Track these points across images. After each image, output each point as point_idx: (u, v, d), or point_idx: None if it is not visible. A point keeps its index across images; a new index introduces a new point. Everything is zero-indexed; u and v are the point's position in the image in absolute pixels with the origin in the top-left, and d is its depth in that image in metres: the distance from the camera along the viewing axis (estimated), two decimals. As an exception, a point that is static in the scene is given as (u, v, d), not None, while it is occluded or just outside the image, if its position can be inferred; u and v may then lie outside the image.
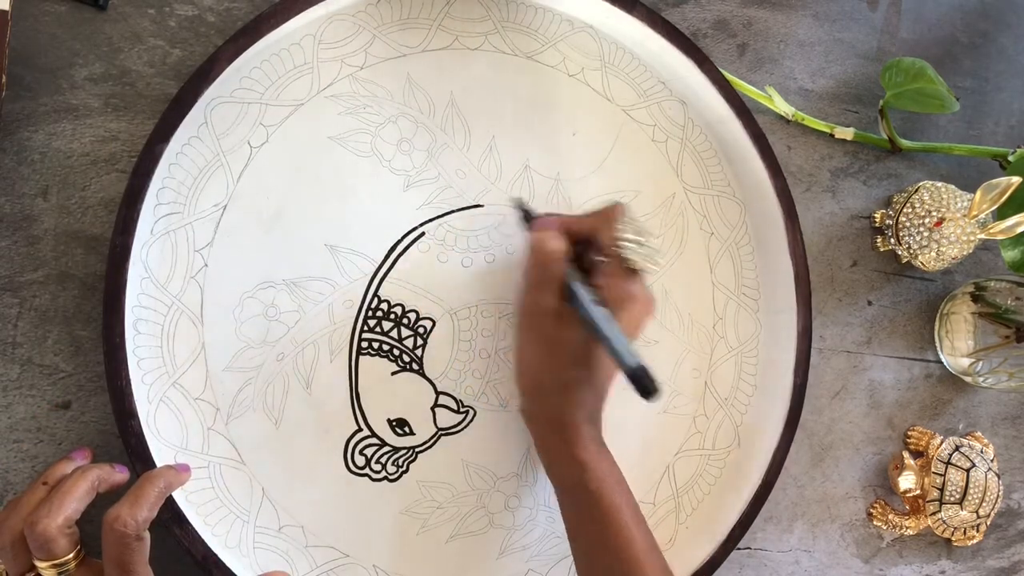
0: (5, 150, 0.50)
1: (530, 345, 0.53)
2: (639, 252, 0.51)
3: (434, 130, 0.56)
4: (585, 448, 0.51)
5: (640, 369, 0.46)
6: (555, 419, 0.52)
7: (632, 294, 0.51)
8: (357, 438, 0.54)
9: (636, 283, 0.51)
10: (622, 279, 0.51)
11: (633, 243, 0.51)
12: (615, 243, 0.51)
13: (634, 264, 0.51)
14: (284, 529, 0.53)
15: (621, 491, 0.51)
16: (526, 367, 0.54)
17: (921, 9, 0.72)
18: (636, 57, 0.60)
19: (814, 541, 0.68)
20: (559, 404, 0.52)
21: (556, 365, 0.51)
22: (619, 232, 0.51)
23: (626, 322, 0.50)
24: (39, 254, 0.51)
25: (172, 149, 0.49)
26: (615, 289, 0.51)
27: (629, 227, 0.51)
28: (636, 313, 0.51)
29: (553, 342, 0.51)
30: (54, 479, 0.47)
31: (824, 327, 0.68)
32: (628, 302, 0.51)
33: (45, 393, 0.51)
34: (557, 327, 0.51)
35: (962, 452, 0.68)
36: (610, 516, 0.50)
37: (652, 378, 0.46)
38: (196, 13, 0.53)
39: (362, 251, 0.54)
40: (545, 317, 0.51)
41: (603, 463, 0.51)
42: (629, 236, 0.51)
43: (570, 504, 0.52)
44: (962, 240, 0.64)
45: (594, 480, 0.50)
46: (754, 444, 0.63)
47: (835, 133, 0.67)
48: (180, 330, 0.51)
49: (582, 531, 0.52)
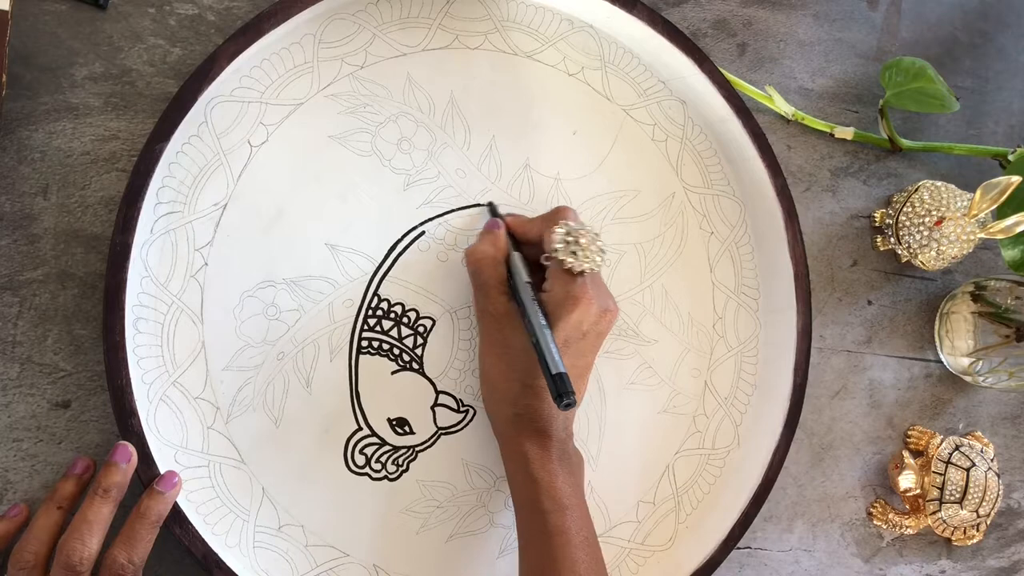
0: (5, 149, 0.50)
1: (485, 351, 0.53)
2: (573, 253, 0.50)
3: (434, 129, 0.56)
4: (543, 464, 0.50)
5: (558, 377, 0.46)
6: (512, 432, 0.51)
7: (574, 296, 0.50)
8: (357, 437, 0.54)
9: (579, 285, 0.50)
10: (564, 282, 0.51)
11: (566, 243, 0.51)
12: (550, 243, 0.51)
13: (568, 265, 0.50)
14: (284, 528, 0.53)
15: (574, 514, 0.50)
16: (484, 375, 0.54)
17: (921, 9, 0.72)
18: (636, 57, 0.60)
19: (814, 541, 0.68)
20: (514, 416, 0.51)
21: (509, 372, 0.51)
22: (552, 235, 0.51)
23: (571, 325, 0.50)
24: (39, 253, 0.51)
25: (172, 148, 0.49)
26: (556, 292, 0.51)
27: (565, 228, 0.51)
28: (582, 315, 0.50)
29: (504, 347, 0.51)
30: (67, 501, 0.48)
31: (824, 327, 0.68)
32: (570, 304, 0.50)
33: (45, 392, 0.51)
34: (506, 331, 0.51)
35: (962, 452, 0.68)
36: (555, 539, 0.49)
37: (568, 389, 0.46)
38: (196, 12, 0.53)
39: (362, 250, 0.54)
40: (493, 320, 0.52)
41: (559, 482, 0.50)
42: (559, 238, 0.51)
43: (520, 520, 0.51)
44: (962, 240, 0.64)
45: (547, 499, 0.49)
46: (754, 444, 0.63)
47: (835, 133, 0.67)
48: (180, 329, 0.51)
49: (529, 550, 0.50)
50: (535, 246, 0.53)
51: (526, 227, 0.54)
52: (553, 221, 0.52)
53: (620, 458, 0.58)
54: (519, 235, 0.54)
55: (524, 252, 0.54)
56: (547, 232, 0.51)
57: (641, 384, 0.61)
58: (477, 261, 0.53)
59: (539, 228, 0.53)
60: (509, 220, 0.55)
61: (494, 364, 0.52)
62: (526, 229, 0.54)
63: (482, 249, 0.53)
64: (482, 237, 0.54)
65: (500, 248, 0.53)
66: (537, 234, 0.53)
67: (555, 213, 0.53)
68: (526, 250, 0.54)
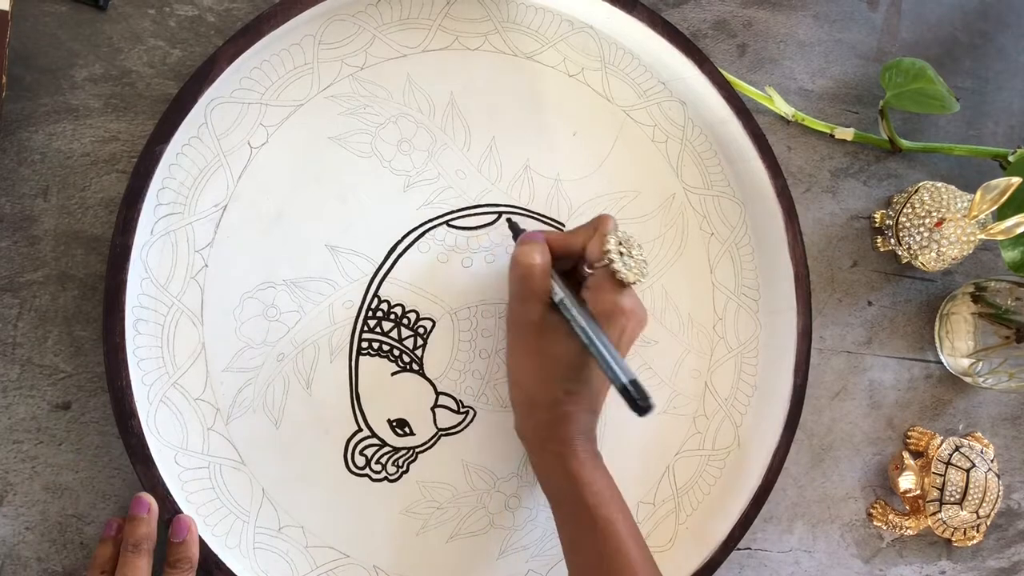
0: (5, 150, 0.50)
1: (520, 359, 0.53)
2: (626, 264, 0.50)
3: (434, 130, 0.56)
4: (580, 462, 0.51)
5: (632, 384, 0.46)
6: (548, 435, 0.52)
7: (620, 306, 0.50)
8: (357, 438, 0.54)
9: (625, 295, 0.51)
10: (610, 292, 0.50)
11: (620, 254, 0.50)
12: (602, 255, 0.50)
13: (621, 276, 0.50)
14: (284, 529, 0.53)
15: (616, 505, 0.51)
16: (517, 382, 0.54)
17: (921, 9, 0.72)
18: (636, 57, 0.60)
19: (814, 541, 0.68)
20: (551, 419, 0.51)
21: (546, 379, 0.51)
22: (605, 244, 0.50)
23: (615, 335, 0.50)
24: (39, 254, 0.51)
25: (172, 149, 0.49)
26: (603, 302, 0.50)
27: (616, 238, 0.51)
28: (625, 326, 0.50)
29: (542, 355, 0.51)
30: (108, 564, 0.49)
31: (824, 327, 0.68)
32: (617, 315, 0.50)
33: (45, 393, 0.51)
34: (545, 340, 0.51)
35: (962, 452, 0.68)
36: (607, 531, 0.49)
37: (645, 394, 0.45)
38: (196, 13, 0.53)
39: (362, 251, 0.54)
40: (531, 329, 0.52)
41: (598, 477, 0.51)
42: (614, 248, 0.50)
43: (565, 519, 0.52)
44: (962, 240, 0.64)
45: (590, 495, 0.50)
46: (754, 444, 0.63)
47: (835, 133, 0.67)
48: (180, 330, 0.51)
49: (578, 546, 0.51)
50: (567, 259, 0.53)
51: (568, 239, 0.53)
52: (602, 230, 0.51)
53: (620, 459, 0.58)
54: (557, 247, 0.53)
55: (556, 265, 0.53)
56: (598, 240, 0.51)
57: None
58: (527, 268, 0.51)
59: (583, 238, 0.52)
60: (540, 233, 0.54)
61: (532, 371, 0.52)
62: (568, 241, 0.53)
63: (532, 257, 0.51)
64: (527, 245, 0.52)
65: (548, 259, 0.52)
66: (581, 244, 0.52)
67: (599, 222, 0.52)
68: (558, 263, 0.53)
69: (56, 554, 0.51)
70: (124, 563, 0.48)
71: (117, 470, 0.51)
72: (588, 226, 0.53)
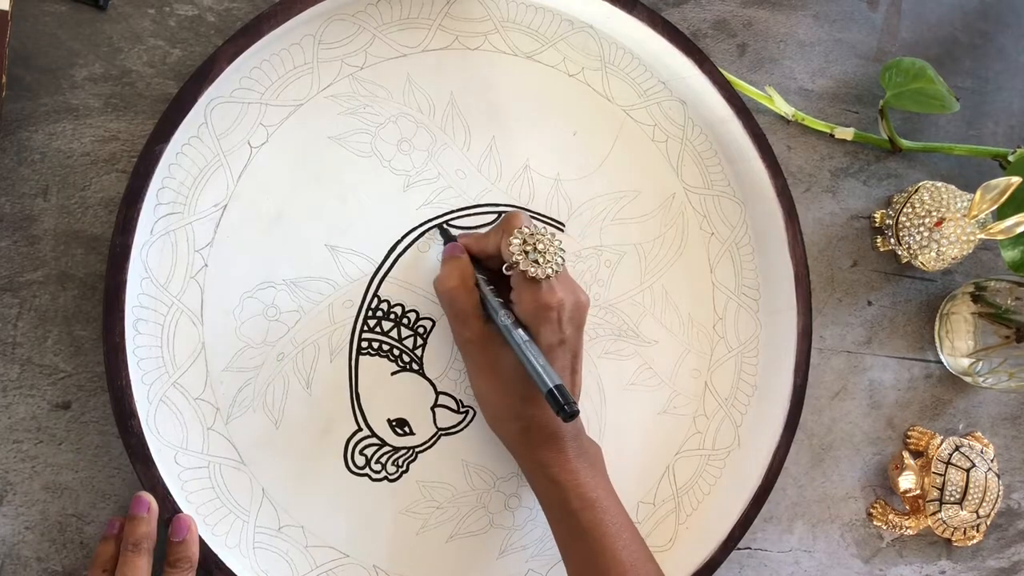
0: (5, 150, 0.50)
1: (475, 378, 0.53)
2: (534, 260, 0.50)
3: (434, 130, 0.56)
4: (561, 467, 0.51)
5: (554, 390, 0.46)
6: (523, 444, 0.52)
7: (543, 302, 0.50)
8: (357, 438, 0.54)
9: (545, 290, 0.50)
10: (529, 290, 0.50)
11: (525, 253, 0.50)
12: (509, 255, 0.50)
13: (532, 274, 0.50)
14: (284, 529, 0.53)
15: (602, 507, 0.50)
16: (480, 399, 0.54)
17: (921, 9, 0.72)
18: (636, 57, 0.60)
19: (814, 541, 0.68)
20: (520, 429, 0.52)
21: (503, 391, 0.51)
22: (509, 246, 0.50)
23: (549, 331, 0.50)
24: (39, 254, 0.51)
25: (172, 149, 0.49)
26: (525, 302, 0.50)
27: (520, 237, 0.50)
28: (559, 317, 0.50)
29: (492, 369, 0.52)
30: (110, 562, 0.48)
31: (824, 327, 0.68)
32: (542, 311, 0.50)
33: (45, 393, 0.51)
34: (490, 354, 0.51)
35: (962, 452, 0.68)
36: (593, 535, 0.49)
37: (568, 399, 0.46)
38: (196, 13, 0.53)
39: (362, 251, 0.54)
40: (475, 346, 0.52)
41: (582, 479, 0.51)
42: (517, 248, 0.50)
43: (554, 524, 0.52)
44: (962, 240, 0.64)
45: (575, 499, 0.50)
46: (754, 444, 0.63)
47: (835, 133, 0.67)
48: (180, 330, 0.51)
49: (569, 551, 0.51)
50: (494, 258, 0.52)
51: (482, 243, 0.53)
52: (507, 231, 0.51)
53: (620, 459, 0.58)
54: (476, 252, 0.53)
55: (486, 265, 0.53)
56: (504, 244, 0.51)
57: (641, 385, 0.61)
58: (449, 291, 0.52)
59: (495, 240, 0.52)
60: (464, 240, 0.54)
61: (488, 386, 0.52)
62: (483, 245, 0.53)
63: (451, 280, 0.52)
64: (446, 266, 0.52)
65: (468, 275, 0.52)
66: (495, 247, 0.52)
67: (507, 222, 0.52)
68: (487, 263, 0.53)
69: (56, 554, 0.51)
70: (124, 562, 0.48)
71: (117, 470, 0.51)
72: (498, 227, 0.52)
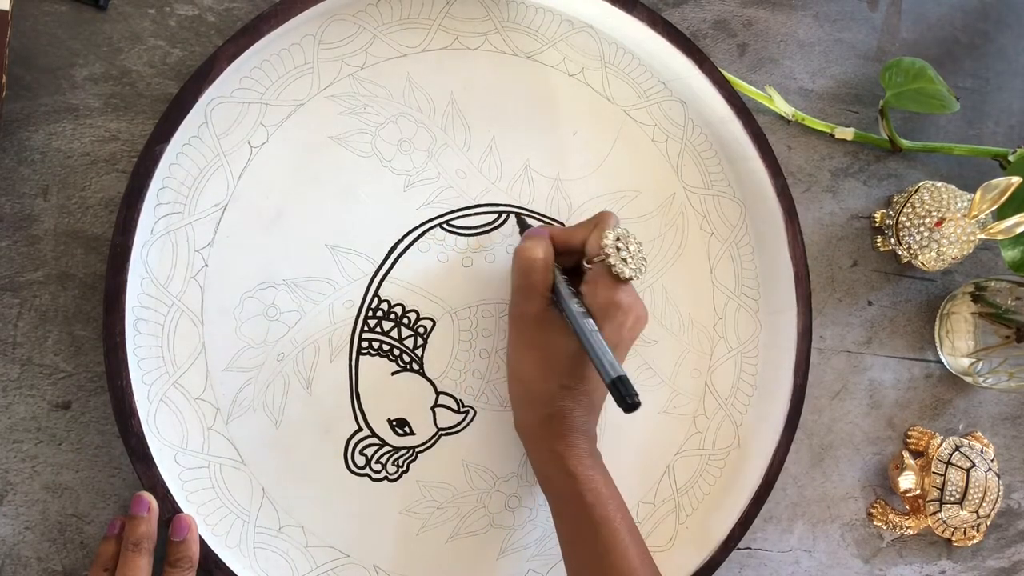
0: (5, 150, 0.50)
1: (519, 353, 0.53)
2: (623, 259, 0.51)
3: (434, 130, 0.56)
4: (578, 460, 0.51)
5: (619, 381, 0.46)
6: (546, 431, 0.52)
7: (616, 301, 0.50)
8: (357, 438, 0.54)
9: (622, 291, 0.51)
10: (607, 287, 0.51)
11: (617, 250, 0.51)
12: (599, 250, 0.51)
13: (617, 271, 0.50)
14: (284, 529, 0.53)
15: (614, 504, 0.51)
16: (517, 376, 0.54)
17: (921, 9, 0.72)
18: (636, 57, 0.60)
19: (814, 541, 0.68)
20: (549, 415, 0.52)
21: (544, 374, 0.51)
22: (603, 239, 0.51)
23: (610, 331, 0.50)
24: (39, 254, 0.51)
25: (172, 149, 0.49)
26: (599, 297, 0.50)
27: (614, 234, 0.51)
28: (623, 321, 0.51)
29: (541, 350, 0.52)
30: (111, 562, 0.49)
31: (824, 327, 0.68)
32: (612, 310, 0.50)
33: (45, 393, 0.51)
34: (544, 334, 0.51)
35: (962, 452, 0.68)
36: (604, 530, 0.50)
37: (632, 391, 0.46)
38: (196, 13, 0.53)
39: (362, 251, 0.54)
40: (531, 323, 0.52)
41: (596, 475, 0.51)
42: (611, 243, 0.51)
43: (563, 516, 0.52)
44: (962, 240, 0.64)
45: (588, 492, 0.50)
46: (754, 444, 0.63)
47: (835, 133, 0.67)
48: (180, 330, 0.51)
49: (576, 545, 0.51)
50: (571, 255, 0.53)
51: (568, 234, 0.53)
52: (601, 226, 0.52)
53: (620, 459, 0.58)
54: (559, 243, 0.53)
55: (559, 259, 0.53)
56: (596, 236, 0.51)
57: (641, 385, 0.60)
58: (529, 261, 0.51)
59: (583, 234, 0.52)
60: (550, 230, 0.54)
61: (530, 366, 0.52)
62: (568, 236, 0.53)
63: (534, 251, 0.52)
64: (531, 240, 0.52)
65: (551, 253, 0.52)
66: (581, 240, 0.52)
67: (600, 218, 0.52)
68: (560, 258, 0.53)
69: (56, 554, 0.51)
70: (124, 562, 0.48)
71: (117, 470, 0.51)
72: (589, 222, 0.53)
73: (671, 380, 0.61)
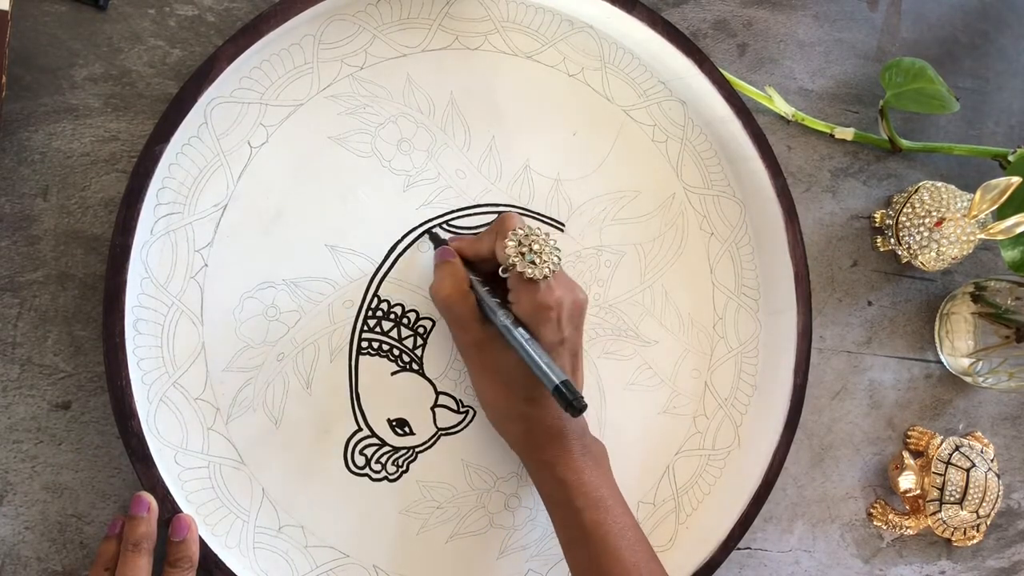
0: (5, 150, 0.50)
1: (478, 379, 0.53)
2: (531, 261, 0.50)
3: (434, 130, 0.56)
4: (567, 465, 0.51)
5: (561, 387, 0.46)
6: (528, 444, 0.52)
7: (542, 303, 0.50)
8: (357, 438, 0.54)
9: (544, 290, 0.50)
10: (527, 291, 0.50)
11: (521, 255, 0.50)
12: (505, 257, 0.50)
13: (528, 275, 0.49)
14: (284, 529, 0.53)
15: (607, 505, 0.50)
16: (484, 401, 0.54)
17: (921, 9, 0.72)
18: (636, 57, 0.60)
19: (814, 541, 0.68)
20: (525, 430, 0.52)
21: (506, 392, 0.51)
22: (506, 247, 0.50)
23: (548, 332, 0.50)
24: (39, 254, 0.51)
25: (172, 149, 0.49)
26: (524, 303, 0.50)
27: (516, 238, 0.50)
28: (558, 317, 0.50)
29: (494, 371, 0.52)
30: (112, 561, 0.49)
31: (824, 327, 0.68)
32: (541, 311, 0.50)
33: (45, 393, 0.51)
34: (492, 355, 0.51)
35: (962, 452, 0.68)
36: (596, 535, 0.49)
37: (575, 393, 0.46)
38: (196, 13, 0.53)
39: (362, 251, 0.54)
40: (475, 350, 0.52)
41: (587, 479, 0.51)
42: (513, 250, 0.50)
43: (558, 523, 0.52)
44: (962, 240, 0.64)
45: (579, 497, 0.50)
46: (754, 444, 0.63)
47: (835, 133, 0.67)
48: (180, 330, 0.51)
49: (572, 551, 0.51)
50: (489, 261, 0.52)
51: (476, 246, 0.53)
52: (501, 233, 0.51)
53: (620, 459, 0.58)
54: (470, 256, 0.53)
55: (480, 268, 0.53)
56: (499, 246, 0.50)
57: (641, 385, 0.61)
58: (445, 298, 0.52)
59: (489, 243, 0.52)
60: (456, 244, 0.54)
61: (491, 388, 0.52)
62: (477, 248, 0.53)
63: (446, 286, 0.52)
64: (439, 272, 0.53)
65: (462, 279, 0.52)
66: (489, 250, 0.52)
67: (500, 224, 0.51)
68: (480, 266, 0.53)
69: (56, 554, 0.51)
70: (124, 562, 0.48)
71: (117, 470, 0.51)
72: (492, 229, 0.52)
73: (671, 380, 0.61)
